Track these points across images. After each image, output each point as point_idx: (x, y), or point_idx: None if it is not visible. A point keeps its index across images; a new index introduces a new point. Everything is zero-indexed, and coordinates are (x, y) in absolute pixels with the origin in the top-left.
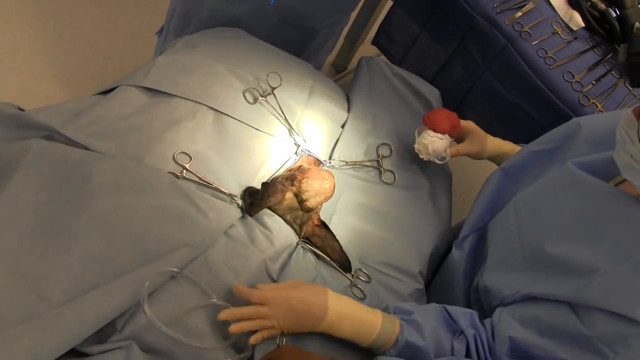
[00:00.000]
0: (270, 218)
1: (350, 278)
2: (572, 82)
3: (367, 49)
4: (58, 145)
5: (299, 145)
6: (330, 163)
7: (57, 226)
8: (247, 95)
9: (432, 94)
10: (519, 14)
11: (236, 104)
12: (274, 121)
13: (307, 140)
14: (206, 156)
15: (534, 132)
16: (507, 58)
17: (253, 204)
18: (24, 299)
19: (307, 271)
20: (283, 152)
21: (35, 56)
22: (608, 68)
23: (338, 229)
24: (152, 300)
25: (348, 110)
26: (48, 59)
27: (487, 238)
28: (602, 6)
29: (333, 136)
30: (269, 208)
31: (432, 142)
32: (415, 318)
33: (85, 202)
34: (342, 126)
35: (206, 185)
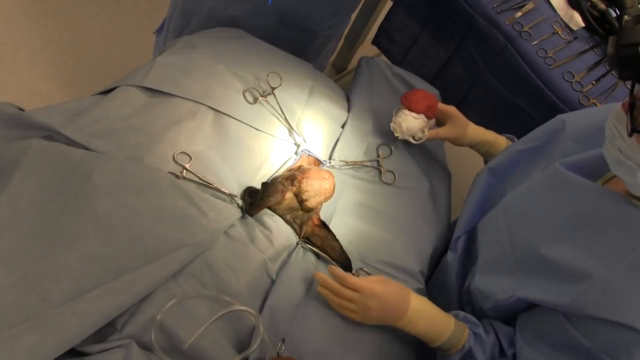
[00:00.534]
0: (270, 218)
1: None
2: (572, 82)
3: (367, 49)
4: (58, 145)
5: (299, 145)
6: (330, 163)
7: (57, 226)
8: (247, 95)
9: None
10: (519, 14)
11: (236, 104)
12: (274, 121)
13: (307, 140)
14: (206, 156)
15: None
16: (507, 58)
17: (253, 204)
18: (24, 299)
19: (307, 271)
20: (283, 152)
21: (35, 56)
22: (608, 68)
23: (338, 229)
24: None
25: (348, 110)
26: (48, 59)
27: (477, 239)
28: (602, 6)
29: (333, 136)
30: (269, 208)
31: (406, 120)
32: (480, 332)
33: (85, 202)
34: (342, 126)
35: (206, 185)
